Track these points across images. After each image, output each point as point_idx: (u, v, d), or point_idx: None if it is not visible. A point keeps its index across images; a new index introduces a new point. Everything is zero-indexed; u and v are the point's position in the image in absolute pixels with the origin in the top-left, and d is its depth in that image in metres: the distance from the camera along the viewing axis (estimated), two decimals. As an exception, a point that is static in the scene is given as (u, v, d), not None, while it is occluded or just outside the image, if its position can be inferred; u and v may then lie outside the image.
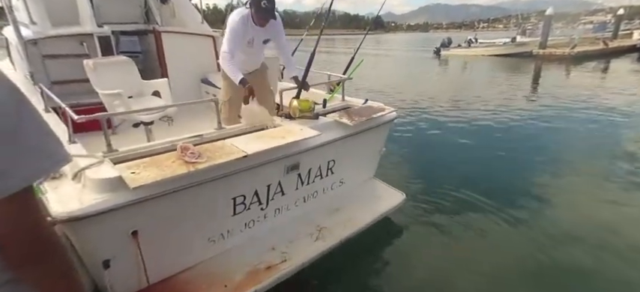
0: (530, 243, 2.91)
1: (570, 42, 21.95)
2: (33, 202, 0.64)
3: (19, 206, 0.61)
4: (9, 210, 0.60)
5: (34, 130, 0.62)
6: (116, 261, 1.73)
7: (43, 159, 0.63)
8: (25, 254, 0.64)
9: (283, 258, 2.24)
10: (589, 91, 9.59)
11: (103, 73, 3.15)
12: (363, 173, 3.15)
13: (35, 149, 0.62)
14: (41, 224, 0.67)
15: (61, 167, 0.67)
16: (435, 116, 7.17)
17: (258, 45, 2.78)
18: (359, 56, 3.29)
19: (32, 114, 0.62)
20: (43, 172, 0.63)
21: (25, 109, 0.61)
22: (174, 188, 1.72)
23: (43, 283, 0.69)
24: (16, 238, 0.62)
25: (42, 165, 0.63)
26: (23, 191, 0.60)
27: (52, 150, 0.65)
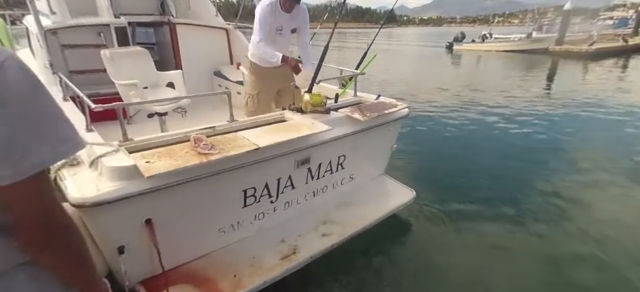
0: (544, 249, 2.84)
1: (588, 38, 21.32)
2: (47, 186, 0.67)
3: (34, 189, 0.64)
4: (24, 192, 0.63)
5: (50, 116, 0.65)
6: (130, 248, 1.78)
7: (58, 144, 0.65)
8: (39, 237, 0.67)
9: (292, 251, 2.26)
10: (607, 90, 9.35)
11: (119, 63, 3.21)
12: (373, 169, 3.15)
13: (51, 134, 0.64)
14: (55, 208, 0.69)
15: (74, 152, 0.69)
16: (447, 113, 7.09)
17: (286, 33, 2.83)
18: (371, 51, 3.26)
19: (48, 100, 0.65)
20: (58, 157, 0.66)
21: (41, 96, 0.64)
22: (186, 178, 1.75)
23: (56, 265, 0.72)
24: (31, 220, 0.65)
25: (56, 150, 0.65)
26: (38, 174, 0.63)
27: (67, 136, 0.67)
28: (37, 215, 0.66)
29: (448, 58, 20.16)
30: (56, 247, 0.70)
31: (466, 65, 17.24)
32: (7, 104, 0.58)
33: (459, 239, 2.94)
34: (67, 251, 0.72)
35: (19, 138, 0.59)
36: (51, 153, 0.64)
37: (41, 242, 0.68)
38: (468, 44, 24.27)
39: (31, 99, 0.61)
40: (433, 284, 2.49)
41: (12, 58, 0.60)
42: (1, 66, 0.58)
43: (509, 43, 22.89)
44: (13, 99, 0.58)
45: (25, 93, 0.60)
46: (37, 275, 0.72)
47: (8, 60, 0.59)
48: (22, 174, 0.60)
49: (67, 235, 0.71)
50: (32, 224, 0.65)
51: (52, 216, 0.68)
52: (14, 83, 0.59)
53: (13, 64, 0.59)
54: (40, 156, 0.62)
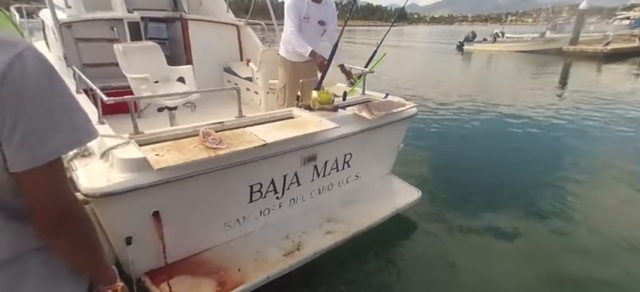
0: (551, 252, 2.81)
1: (604, 38, 20.83)
2: (62, 173, 0.70)
3: (49, 175, 0.66)
4: (40, 179, 0.65)
5: (65, 105, 0.67)
6: (138, 239, 1.81)
7: (73, 133, 0.68)
8: (52, 222, 0.69)
9: (296, 247, 2.28)
10: (622, 93, 9.14)
11: (132, 58, 3.26)
12: (379, 168, 3.15)
13: (66, 123, 0.66)
14: (68, 195, 0.72)
15: (88, 141, 0.71)
16: (455, 114, 7.03)
17: (314, 24, 2.87)
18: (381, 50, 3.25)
19: (64, 90, 0.67)
20: (72, 145, 0.68)
21: (58, 86, 0.66)
22: (194, 172, 1.78)
23: (68, 250, 0.75)
24: (45, 206, 0.68)
25: (71, 139, 0.67)
26: (54, 161, 0.65)
27: (81, 125, 0.69)
28: (51, 201, 0.68)
29: (458, 58, 19.93)
30: (68, 233, 0.73)
31: (476, 65, 17.04)
32: (25, 94, 0.60)
33: (464, 240, 2.93)
34: (79, 238, 0.75)
35: (36, 126, 0.62)
36: (66, 141, 0.66)
37: (55, 228, 0.70)
38: (478, 44, 23.95)
39: (48, 89, 0.64)
40: (437, 284, 2.49)
41: (30, 48, 0.62)
42: (20, 56, 0.60)
43: (522, 42, 22.52)
44: (31, 88, 0.61)
45: (43, 83, 0.63)
46: (49, 259, 0.75)
47: (26, 50, 0.61)
48: (38, 160, 0.63)
49: (79, 221, 0.74)
50: (46, 210, 0.68)
51: (65, 203, 0.71)
52: (32, 73, 0.61)
53: (30, 55, 0.61)
54: (56, 143, 0.64)
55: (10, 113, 0.59)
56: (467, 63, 18.03)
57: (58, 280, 0.76)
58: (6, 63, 0.58)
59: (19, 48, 0.60)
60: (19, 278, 0.70)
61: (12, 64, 0.58)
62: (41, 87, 0.62)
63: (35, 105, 0.61)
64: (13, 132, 0.60)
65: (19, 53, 0.60)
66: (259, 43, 4.71)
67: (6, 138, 0.60)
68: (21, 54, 0.60)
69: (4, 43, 0.60)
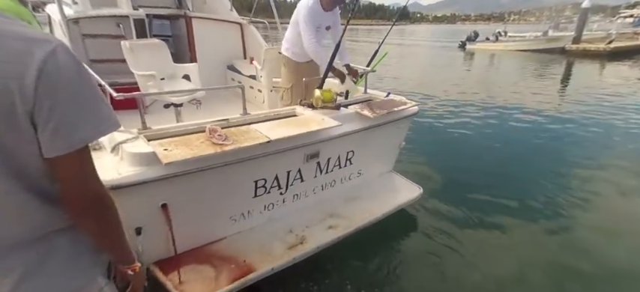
0: (551, 250, 2.84)
1: (607, 37, 20.75)
2: (90, 159, 0.76)
3: (79, 161, 0.73)
4: (71, 163, 0.72)
5: (93, 98, 0.73)
6: (147, 230, 1.87)
7: (99, 123, 0.74)
8: (82, 204, 0.76)
9: (300, 241, 2.34)
10: (624, 91, 9.13)
11: (138, 55, 3.32)
12: (381, 165, 3.20)
13: (93, 114, 0.73)
14: (97, 179, 0.79)
15: (112, 131, 0.77)
16: (457, 112, 7.07)
17: (323, 30, 2.93)
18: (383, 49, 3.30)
19: (91, 84, 0.73)
20: (100, 133, 0.74)
21: (86, 80, 0.72)
22: (201, 166, 1.84)
23: (95, 231, 0.82)
24: (77, 189, 0.75)
25: (98, 128, 0.74)
26: (83, 149, 0.72)
27: (106, 116, 0.75)
28: (81, 184, 0.75)
29: (460, 57, 19.91)
30: (96, 213, 0.80)
31: (478, 64, 17.03)
32: (58, 87, 0.66)
33: (465, 236, 2.97)
34: (105, 218, 0.82)
35: (68, 117, 0.68)
36: (94, 131, 0.73)
37: (85, 209, 0.77)
38: (481, 43, 23.90)
39: (78, 83, 0.70)
40: (437, 279, 2.54)
41: (61, 44, 0.68)
42: (54, 52, 0.66)
43: (524, 41, 22.47)
44: (64, 82, 0.67)
45: (73, 77, 0.69)
46: (74, 239, 0.81)
47: (58, 47, 0.67)
48: (69, 147, 0.69)
49: (105, 203, 0.81)
50: (77, 192, 0.75)
51: (94, 185, 0.78)
52: (64, 68, 0.67)
53: (62, 51, 0.68)
54: (85, 132, 0.71)
55: (45, 105, 0.65)
56: (469, 62, 18.02)
57: (81, 258, 0.83)
58: (42, 59, 0.64)
59: (53, 45, 0.66)
60: (47, 255, 0.76)
61: (47, 60, 0.64)
62: (72, 81, 0.68)
63: (67, 98, 0.67)
64: (48, 121, 0.66)
65: (52, 50, 0.66)
66: (262, 42, 4.76)
67: (41, 126, 0.66)
68: (54, 50, 0.66)
69: (39, 40, 0.66)
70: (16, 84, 0.62)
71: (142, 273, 0.98)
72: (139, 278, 0.97)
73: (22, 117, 0.64)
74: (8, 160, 0.67)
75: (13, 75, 0.62)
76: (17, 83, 0.62)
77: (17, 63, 0.63)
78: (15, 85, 0.62)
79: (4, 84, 0.62)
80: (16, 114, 0.64)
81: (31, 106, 0.64)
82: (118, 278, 0.94)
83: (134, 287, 0.96)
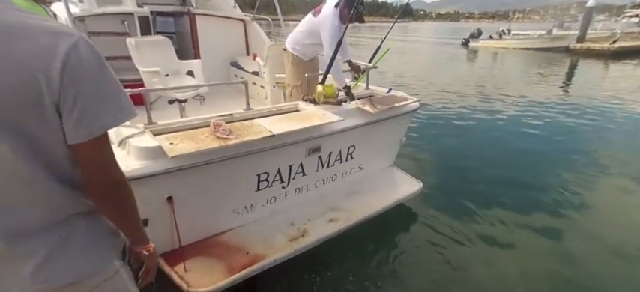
0: (549, 247, 2.86)
1: (611, 36, 20.62)
2: (109, 145, 0.81)
3: (100, 147, 0.78)
4: (92, 150, 0.76)
5: (112, 87, 0.78)
6: (153, 222, 1.91)
7: (118, 112, 0.78)
8: (102, 188, 0.81)
9: (301, 234, 2.38)
10: (628, 92, 9.10)
11: (144, 52, 3.37)
12: (382, 160, 3.24)
13: (114, 103, 0.77)
14: (115, 164, 0.83)
15: (129, 118, 0.81)
16: (459, 109, 7.09)
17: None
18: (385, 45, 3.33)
19: (111, 74, 0.78)
20: (118, 121, 0.79)
21: (106, 70, 0.77)
22: (205, 160, 1.88)
23: (115, 213, 0.87)
24: (98, 173, 0.80)
25: (117, 116, 0.78)
26: (103, 136, 0.77)
27: (125, 104, 0.80)
28: (102, 168, 0.80)
29: (463, 55, 19.87)
30: (115, 197, 0.85)
31: (481, 62, 16.99)
32: (81, 78, 0.71)
33: (463, 231, 3.01)
34: (123, 202, 0.87)
35: (90, 106, 0.73)
36: (113, 119, 0.77)
37: (104, 193, 0.82)
38: (484, 41, 23.83)
39: (99, 74, 0.74)
40: (435, 273, 2.58)
41: (82, 37, 0.73)
42: (76, 45, 0.70)
43: (528, 40, 22.37)
44: (86, 73, 0.72)
45: (94, 68, 0.73)
46: (92, 222, 0.86)
47: (80, 39, 0.72)
48: (91, 134, 0.74)
49: (122, 187, 0.86)
50: (98, 177, 0.80)
51: (113, 170, 0.83)
52: (86, 59, 0.71)
53: (83, 43, 0.72)
54: (105, 120, 0.76)
55: (70, 94, 0.70)
56: (472, 60, 17.97)
57: (98, 241, 0.88)
58: (65, 52, 0.68)
59: (75, 37, 0.71)
60: (67, 238, 0.81)
61: (70, 52, 0.69)
62: (93, 72, 0.73)
63: (89, 88, 0.72)
64: (72, 110, 0.71)
65: (75, 42, 0.70)
66: (265, 38, 4.80)
67: (66, 115, 0.71)
68: (77, 43, 0.70)
69: (62, 33, 0.70)
70: (43, 76, 0.67)
71: (156, 254, 1.03)
72: (152, 258, 1.02)
73: (49, 106, 0.69)
74: (35, 147, 0.72)
75: (41, 67, 0.67)
76: (44, 75, 0.67)
77: (45, 56, 0.67)
78: (42, 77, 0.67)
79: (33, 76, 0.66)
80: (43, 104, 0.68)
81: (57, 96, 0.69)
82: (132, 260, 0.99)
83: (148, 267, 1.01)
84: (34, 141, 0.71)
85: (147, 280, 1.03)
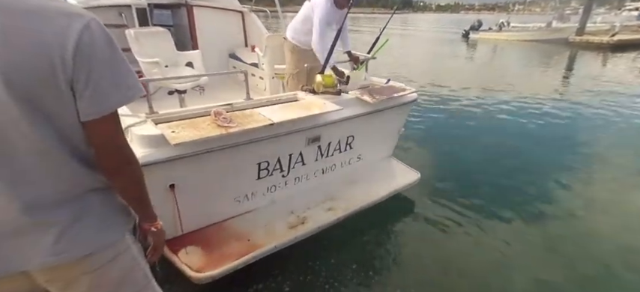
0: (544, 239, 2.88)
1: (610, 29, 20.59)
2: (119, 123, 0.84)
3: (110, 124, 0.81)
4: (104, 127, 0.80)
5: (122, 67, 0.81)
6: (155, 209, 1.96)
7: (127, 90, 0.82)
8: (113, 163, 0.85)
9: (301, 221, 2.43)
10: (626, 86, 9.10)
11: (143, 43, 3.38)
12: (381, 151, 3.28)
13: (123, 82, 0.81)
14: (123, 140, 0.87)
15: (138, 97, 0.84)
16: (458, 101, 7.11)
17: (331, 28, 2.98)
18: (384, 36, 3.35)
19: (120, 54, 0.81)
20: (129, 99, 0.82)
21: (116, 50, 0.80)
22: (207, 148, 1.92)
23: (125, 187, 0.92)
24: (109, 148, 0.84)
25: (126, 95, 0.81)
26: (113, 113, 0.80)
27: (133, 84, 0.83)
28: (113, 144, 0.84)
29: (463, 47, 19.81)
30: (127, 171, 0.89)
31: (481, 54, 16.95)
32: (93, 58, 0.74)
33: (460, 221, 3.05)
34: (133, 177, 0.91)
35: (102, 84, 0.76)
36: (123, 97, 0.81)
37: (116, 168, 0.86)
38: (484, 32, 23.76)
39: (110, 54, 0.78)
40: (431, 261, 2.63)
41: (94, 19, 0.76)
42: (88, 26, 0.73)
43: (528, 32, 22.31)
44: (98, 53, 0.75)
45: (105, 48, 0.76)
46: (105, 199, 0.90)
47: (92, 21, 0.75)
48: (103, 111, 0.78)
49: (132, 164, 0.90)
50: (109, 152, 0.84)
51: (123, 146, 0.87)
52: (98, 40, 0.75)
53: (95, 24, 0.75)
54: (116, 98, 0.79)
55: (83, 74, 0.73)
56: (472, 51, 17.92)
57: (112, 216, 0.92)
58: (78, 32, 0.72)
59: (87, 19, 0.74)
60: (84, 211, 0.85)
61: (82, 33, 0.72)
62: (104, 52, 0.76)
63: (101, 67, 0.75)
64: (85, 89, 0.74)
65: (87, 23, 0.74)
66: (264, 30, 4.80)
67: (79, 93, 0.75)
68: (88, 24, 0.74)
69: (75, 14, 0.73)
70: (58, 55, 0.70)
71: (163, 232, 1.07)
72: (160, 235, 1.06)
73: (64, 85, 0.73)
74: (52, 123, 0.75)
75: (57, 47, 0.70)
76: (60, 54, 0.70)
77: (60, 36, 0.70)
78: (58, 56, 0.70)
79: (50, 55, 0.70)
80: (58, 82, 0.72)
81: (71, 75, 0.72)
82: (141, 238, 1.03)
83: (156, 244, 1.06)
84: (50, 117, 0.75)
85: (155, 256, 1.07)
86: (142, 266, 1.02)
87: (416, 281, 2.38)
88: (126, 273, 0.96)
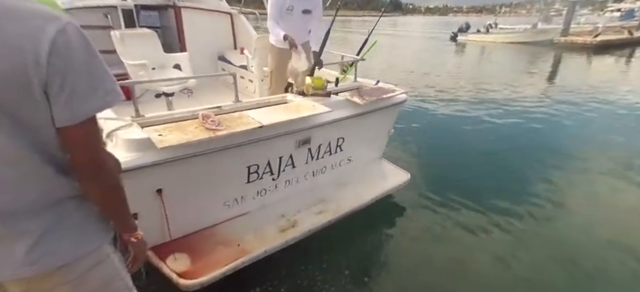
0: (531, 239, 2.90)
1: (594, 30, 21.12)
2: (96, 128, 0.81)
3: (87, 130, 0.78)
4: (80, 133, 0.77)
5: (100, 71, 0.78)
6: (142, 215, 1.91)
7: (106, 95, 0.78)
8: (89, 170, 0.82)
9: (291, 225, 2.41)
10: (609, 84, 9.32)
11: (129, 45, 3.32)
12: (371, 152, 3.27)
13: (100, 86, 0.77)
14: (102, 147, 0.84)
15: (117, 102, 0.81)
16: (446, 102, 7.18)
17: (298, 14, 2.97)
18: (373, 37, 3.36)
19: (98, 58, 0.78)
20: (106, 105, 0.79)
21: (94, 54, 0.77)
22: (195, 152, 1.88)
23: (101, 196, 0.87)
24: (85, 155, 0.80)
25: (105, 100, 0.78)
26: (91, 118, 0.77)
27: (112, 88, 0.80)
28: (89, 150, 0.80)
29: (452, 48, 20.06)
30: (103, 179, 0.85)
31: (469, 56, 17.18)
32: (69, 61, 0.71)
33: (449, 221, 3.07)
34: (109, 186, 0.87)
35: (78, 89, 0.73)
36: (100, 102, 0.78)
37: (92, 176, 0.82)
38: (472, 35, 24.08)
39: (87, 57, 0.75)
40: (422, 261, 2.64)
41: (71, 22, 0.73)
42: (64, 29, 0.71)
43: (514, 34, 22.70)
44: (75, 56, 0.72)
45: (82, 51, 0.73)
46: (83, 206, 0.87)
47: (69, 24, 0.72)
48: (80, 117, 0.74)
49: (109, 172, 0.86)
50: (85, 160, 0.80)
51: (100, 153, 0.83)
52: (74, 42, 0.72)
53: (72, 27, 0.72)
54: (93, 103, 0.76)
55: (58, 77, 0.70)
56: (460, 53, 18.16)
57: (90, 225, 0.89)
58: (53, 34, 0.69)
59: (63, 21, 0.71)
60: (60, 220, 0.82)
61: (58, 35, 0.69)
62: (81, 56, 0.73)
63: (77, 71, 0.72)
64: (60, 93, 0.71)
65: (63, 26, 0.71)
66: (253, 32, 4.77)
67: (54, 98, 0.71)
68: (65, 27, 0.71)
69: (50, 16, 0.70)
70: (31, 58, 0.67)
71: (144, 242, 1.04)
72: (140, 246, 1.02)
73: (37, 89, 0.69)
74: (25, 129, 0.72)
75: (29, 49, 0.67)
76: (32, 57, 0.67)
77: (33, 38, 0.67)
78: (30, 59, 0.67)
79: (22, 57, 0.67)
80: (31, 87, 0.69)
81: (45, 79, 0.69)
82: (121, 248, 1.00)
83: (136, 254, 1.02)
84: (23, 123, 0.71)
85: (135, 267, 1.04)
86: (123, 276, 0.98)
87: (408, 282, 2.38)
88: (105, 283, 0.93)
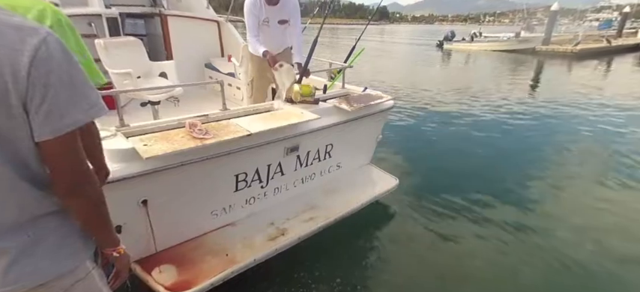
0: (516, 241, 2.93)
1: (574, 39, 21.87)
2: (77, 143, 0.78)
3: (68, 144, 0.75)
4: (60, 147, 0.74)
5: (81, 84, 0.76)
6: (127, 227, 1.86)
7: (88, 108, 0.76)
8: (70, 185, 0.79)
9: (281, 233, 2.38)
10: (589, 90, 9.63)
11: (113, 53, 3.26)
12: (359, 158, 3.29)
13: (82, 99, 0.75)
14: (84, 161, 0.81)
15: (99, 115, 0.79)
16: (433, 109, 7.28)
17: (274, 25, 2.96)
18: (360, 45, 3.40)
19: (80, 70, 0.76)
20: (88, 118, 0.77)
21: (75, 66, 0.75)
22: (182, 161, 1.85)
23: (82, 211, 0.84)
24: (65, 170, 0.77)
25: (87, 113, 0.76)
26: (71, 132, 0.74)
27: (95, 101, 0.78)
28: (69, 165, 0.78)
29: (437, 56, 20.43)
30: (83, 194, 0.82)
31: (454, 63, 17.53)
32: (49, 74, 0.69)
33: (438, 225, 3.09)
34: (92, 199, 0.84)
35: (59, 102, 0.71)
36: (82, 115, 0.75)
37: (72, 190, 0.80)
38: (457, 43, 24.62)
39: (68, 69, 0.72)
40: (411, 266, 2.65)
41: (51, 34, 0.71)
42: (45, 41, 0.69)
43: (498, 42, 23.30)
44: (55, 69, 0.70)
45: (62, 64, 0.71)
46: (64, 223, 0.84)
47: (49, 36, 0.70)
48: (60, 131, 0.72)
49: (90, 186, 0.83)
50: (65, 173, 0.77)
51: (81, 167, 0.80)
52: (55, 55, 0.70)
53: (52, 39, 0.70)
54: (75, 116, 0.74)
55: (38, 90, 0.68)
56: (446, 61, 18.51)
57: (70, 241, 0.85)
58: (33, 47, 0.67)
59: (43, 34, 0.69)
60: (38, 238, 0.79)
61: (38, 48, 0.67)
62: (62, 69, 0.71)
63: (58, 84, 0.70)
64: (40, 106, 0.69)
65: (43, 39, 0.69)
66: (240, 39, 4.75)
67: (33, 111, 0.69)
68: (45, 39, 0.69)
69: (31, 30, 0.68)
70: (9, 71, 0.65)
71: (127, 256, 1.01)
72: (123, 261, 0.99)
73: (16, 102, 0.67)
74: (2, 144, 0.69)
75: (7, 62, 0.65)
76: (10, 70, 0.65)
77: (11, 51, 0.65)
78: (8, 72, 0.65)
79: (0, 72, 0.64)
80: (9, 100, 0.66)
81: (24, 92, 0.67)
82: (103, 264, 0.96)
83: (118, 270, 0.99)
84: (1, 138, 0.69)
85: (117, 283, 1.01)
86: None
87: (398, 287, 2.38)
88: None
